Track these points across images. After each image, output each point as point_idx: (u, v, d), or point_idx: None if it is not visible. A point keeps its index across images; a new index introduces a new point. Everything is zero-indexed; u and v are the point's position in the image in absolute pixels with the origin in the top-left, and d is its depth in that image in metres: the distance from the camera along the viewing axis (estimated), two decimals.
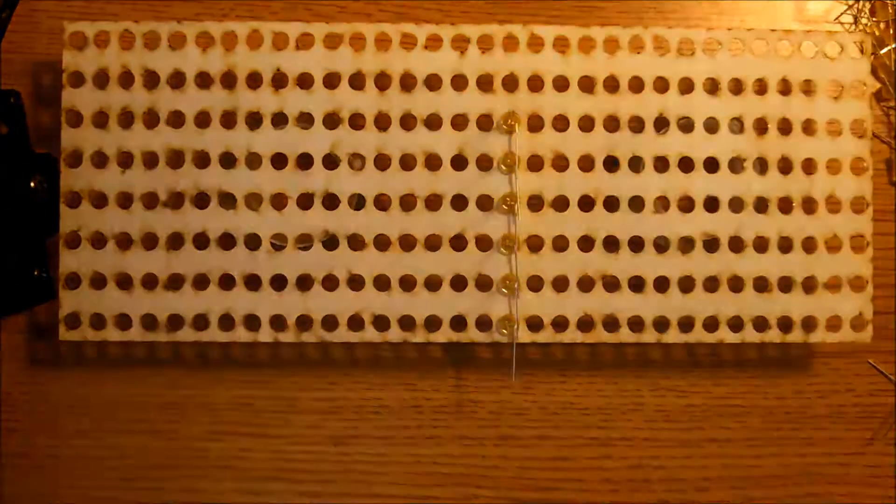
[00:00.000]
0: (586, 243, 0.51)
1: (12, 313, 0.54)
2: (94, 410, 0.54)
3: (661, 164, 0.52)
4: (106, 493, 0.54)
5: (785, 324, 0.52)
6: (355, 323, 0.51)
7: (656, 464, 0.55)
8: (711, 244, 0.52)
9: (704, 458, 0.55)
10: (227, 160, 0.51)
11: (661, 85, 0.52)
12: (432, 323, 0.51)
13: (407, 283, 0.51)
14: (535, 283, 0.51)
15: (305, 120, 0.52)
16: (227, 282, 0.51)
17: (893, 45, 0.55)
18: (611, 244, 0.52)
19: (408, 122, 0.52)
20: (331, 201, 0.51)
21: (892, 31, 0.56)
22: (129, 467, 0.54)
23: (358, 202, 0.52)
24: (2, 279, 0.52)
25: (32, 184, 0.52)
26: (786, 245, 0.52)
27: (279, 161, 0.51)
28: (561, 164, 0.52)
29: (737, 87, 0.52)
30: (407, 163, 0.51)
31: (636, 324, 0.51)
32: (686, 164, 0.52)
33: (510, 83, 0.52)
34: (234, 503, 0.54)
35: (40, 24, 0.55)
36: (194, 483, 0.54)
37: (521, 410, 0.55)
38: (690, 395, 0.55)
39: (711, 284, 0.52)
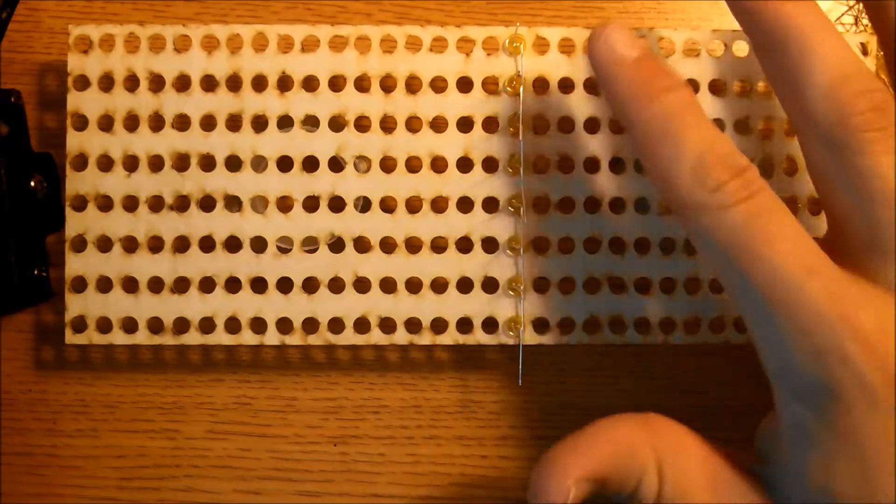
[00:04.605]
0: (592, 245, 0.51)
1: (13, 312, 0.54)
2: (94, 410, 0.54)
3: None
4: (105, 493, 0.54)
5: None
6: (361, 325, 0.51)
7: None
8: None
9: None
10: (233, 163, 0.51)
11: None
12: (438, 325, 0.51)
13: (413, 286, 0.51)
14: (541, 285, 0.51)
15: (311, 122, 0.51)
16: (233, 285, 0.51)
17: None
18: (616, 245, 0.52)
19: (413, 124, 0.51)
20: (337, 204, 0.51)
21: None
22: (129, 467, 0.54)
23: (363, 205, 0.51)
24: (2, 278, 0.51)
25: (32, 183, 0.52)
26: None
27: (285, 164, 0.51)
28: (566, 165, 0.51)
29: (742, 88, 0.52)
30: (412, 165, 0.51)
31: (642, 325, 0.52)
32: None
33: (514, 85, 0.51)
34: (234, 503, 0.54)
35: (41, 24, 0.55)
36: (193, 483, 0.54)
37: (521, 411, 0.55)
38: (691, 395, 0.55)
39: (717, 285, 0.51)
